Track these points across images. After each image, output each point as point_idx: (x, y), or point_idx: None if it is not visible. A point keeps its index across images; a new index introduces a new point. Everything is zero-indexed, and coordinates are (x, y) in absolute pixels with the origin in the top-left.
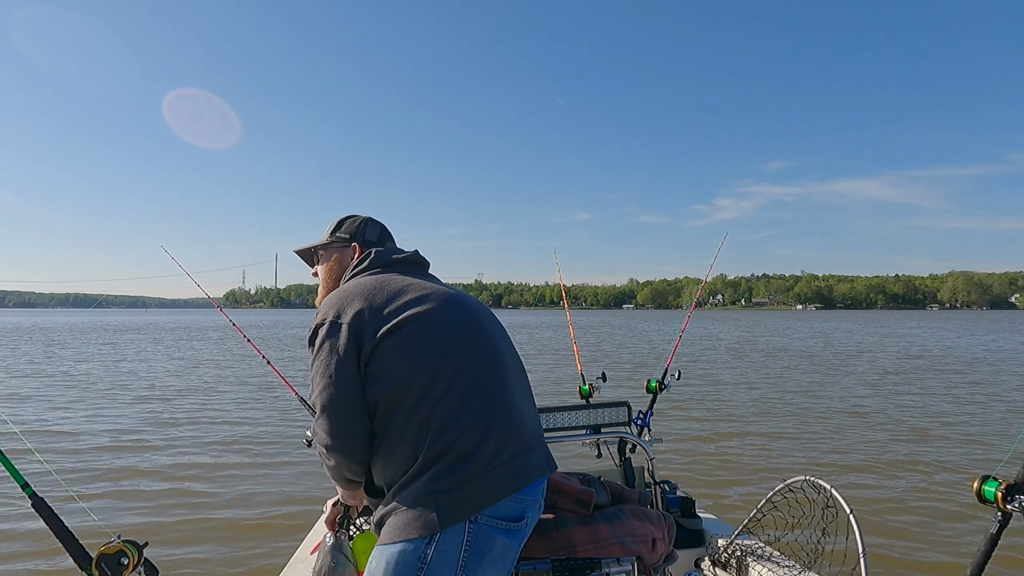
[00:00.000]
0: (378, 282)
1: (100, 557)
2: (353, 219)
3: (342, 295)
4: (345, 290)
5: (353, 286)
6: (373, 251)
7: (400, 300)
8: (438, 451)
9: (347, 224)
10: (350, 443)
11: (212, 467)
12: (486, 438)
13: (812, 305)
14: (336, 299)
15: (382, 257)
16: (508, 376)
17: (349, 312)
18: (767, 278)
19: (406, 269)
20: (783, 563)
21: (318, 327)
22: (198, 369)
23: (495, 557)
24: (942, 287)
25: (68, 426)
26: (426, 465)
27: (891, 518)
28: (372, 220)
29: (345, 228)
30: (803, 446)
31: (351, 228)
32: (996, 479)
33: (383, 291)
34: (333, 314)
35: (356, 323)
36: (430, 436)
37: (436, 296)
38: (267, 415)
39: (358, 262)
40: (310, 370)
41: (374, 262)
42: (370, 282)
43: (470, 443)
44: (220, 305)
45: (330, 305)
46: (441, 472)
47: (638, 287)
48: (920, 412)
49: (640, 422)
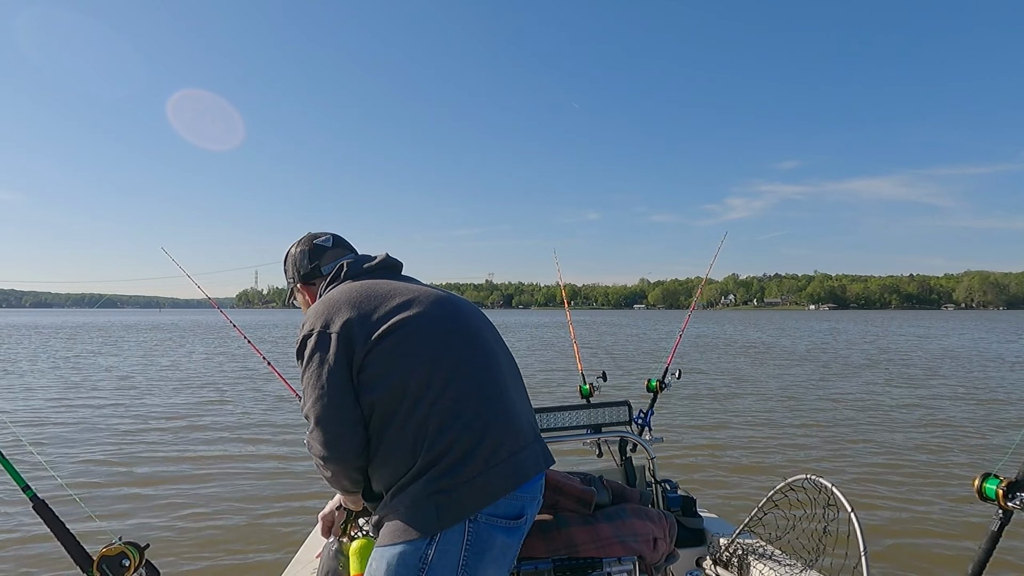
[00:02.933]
0: (363, 288)
1: (101, 559)
2: (289, 257)
3: (327, 304)
4: (330, 299)
5: (337, 294)
6: (345, 263)
7: (388, 305)
8: (437, 453)
9: (286, 266)
10: (346, 453)
11: (213, 468)
12: (484, 437)
13: (825, 305)
14: (322, 308)
15: (354, 268)
16: (502, 374)
17: (337, 321)
18: (779, 278)
19: (382, 274)
20: (785, 562)
21: (306, 338)
22: (200, 370)
23: (495, 555)
24: (957, 287)
25: (69, 427)
26: (425, 467)
27: (892, 516)
28: (301, 251)
29: (287, 271)
30: (804, 444)
31: (296, 269)
32: (997, 476)
33: (369, 297)
34: (321, 324)
35: (345, 332)
36: (428, 438)
37: (424, 299)
38: (268, 416)
39: (332, 276)
40: (301, 382)
41: (348, 274)
42: (355, 289)
43: (468, 443)
44: (220, 306)
45: (316, 315)
46: (440, 473)
47: (649, 287)
48: (921, 410)
49: (641, 421)
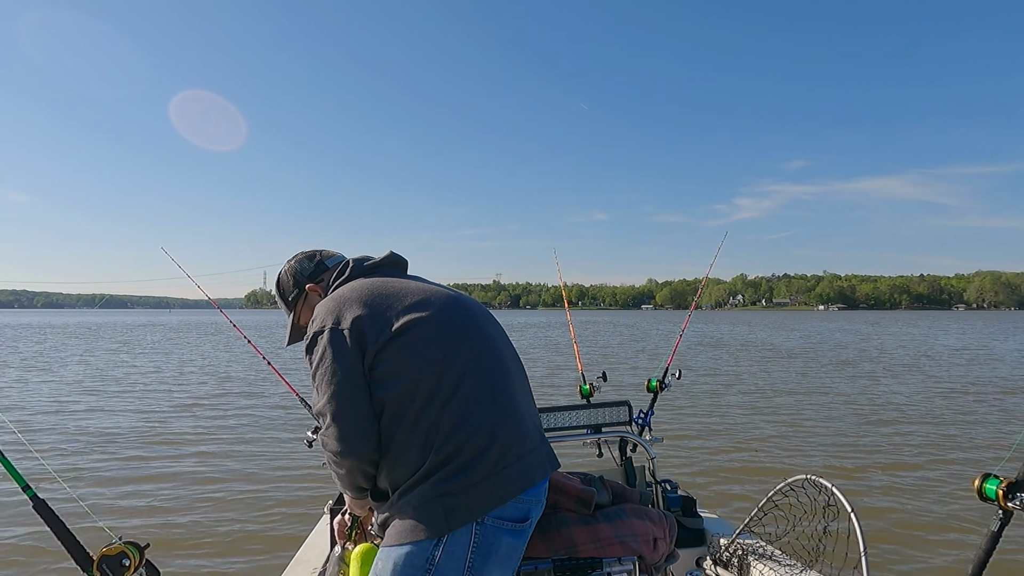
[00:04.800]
0: (374, 285)
1: (101, 559)
2: (284, 274)
3: (338, 300)
4: (340, 295)
5: (348, 291)
6: (351, 261)
7: (400, 304)
8: (446, 454)
9: (284, 285)
10: (361, 447)
11: (213, 468)
12: (493, 440)
13: (834, 305)
14: (332, 304)
15: (361, 263)
16: (510, 377)
17: (348, 317)
18: (788, 278)
19: (390, 271)
20: (785, 562)
21: (317, 335)
22: (201, 369)
23: (501, 557)
24: (968, 287)
25: (69, 427)
26: (433, 468)
27: (892, 516)
28: (297, 260)
29: (287, 289)
30: (804, 445)
31: (290, 281)
32: (997, 477)
33: (380, 295)
34: (332, 320)
35: (357, 328)
36: (438, 439)
37: (436, 299)
38: (268, 416)
39: (338, 274)
40: (312, 379)
41: (355, 270)
42: (366, 286)
43: (478, 446)
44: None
45: (327, 311)
46: (449, 475)
47: (656, 287)
48: (922, 411)
49: (641, 421)
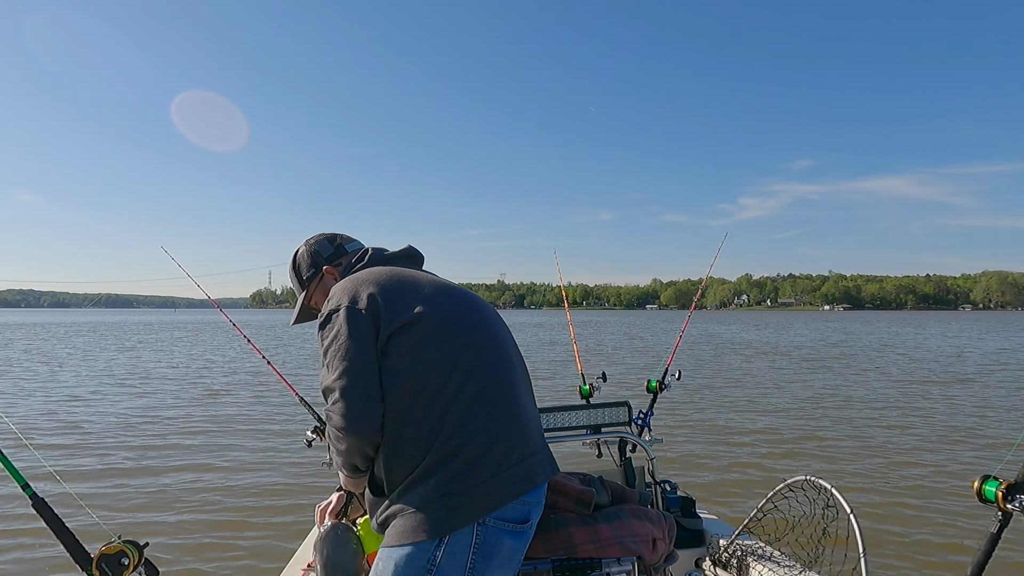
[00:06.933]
0: (391, 272)
1: (100, 557)
2: (302, 253)
3: (355, 282)
4: (357, 278)
5: (365, 275)
6: (370, 249)
7: (416, 294)
8: (449, 451)
9: (301, 263)
10: (366, 426)
11: (213, 467)
12: (496, 441)
13: (840, 306)
14: (349, 285)
15: (380, 253)
16: (516, 377)
17: (365, 297)
18: (793, 278)
19: (406, 263)
20: (784, 563)
21: (332, 312)
22: (202, 369)
23: (502, 559)
24: (975, 287)
25: (68, 425)
26: (435, 465)
27: (892, 518)
28: (317, 240)
29: (304, 267)
30: (804, 446)
31: (307, 261)
32: (996, 479)
33: (397, 282)
34: (348, 299)
35: (372, 309)
36: (441, 436)
37: (450, 294)
38: (268, 415)
39: (357, 259)
40: (323, 356)
41: (373, 258)
42: (384, 272)
43: (481, 445)
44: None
45: (344, 291)
46: (451, 474)
47: (661, 287)
48: (922, 412)
49: (640, 422)
